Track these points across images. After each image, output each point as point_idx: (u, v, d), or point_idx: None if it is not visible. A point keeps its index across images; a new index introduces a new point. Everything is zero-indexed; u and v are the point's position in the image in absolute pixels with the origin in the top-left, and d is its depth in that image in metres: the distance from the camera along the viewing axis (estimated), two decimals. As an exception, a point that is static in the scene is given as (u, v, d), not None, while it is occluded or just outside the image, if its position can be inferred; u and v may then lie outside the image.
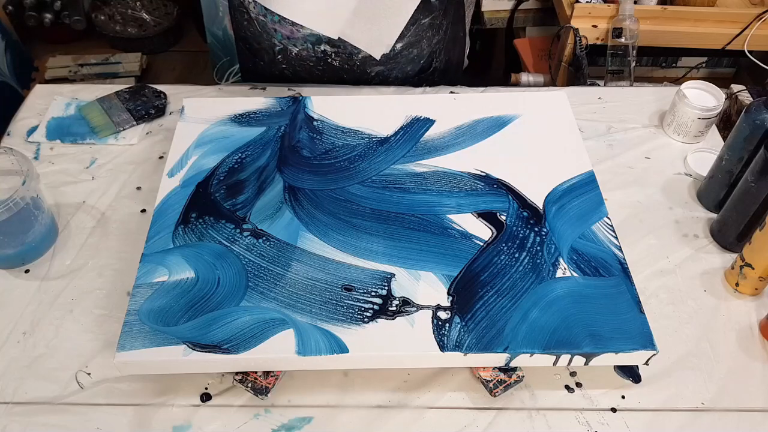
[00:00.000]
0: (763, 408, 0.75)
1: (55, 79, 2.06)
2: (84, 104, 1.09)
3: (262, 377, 0.74)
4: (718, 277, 0.87)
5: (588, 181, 0.88)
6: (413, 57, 1.12)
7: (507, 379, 0.74)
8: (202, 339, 0.71)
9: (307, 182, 0.88)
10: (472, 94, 1.07)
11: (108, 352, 0.78)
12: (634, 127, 1.07)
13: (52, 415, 0.74)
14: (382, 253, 0.79)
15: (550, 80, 1.53)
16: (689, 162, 1.01)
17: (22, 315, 0.82)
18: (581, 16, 1.37)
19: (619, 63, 1.35)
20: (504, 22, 1.73)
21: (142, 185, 0.98)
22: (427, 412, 0.74)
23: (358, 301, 0.74)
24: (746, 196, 0.84)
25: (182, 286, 0.76)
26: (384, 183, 0.88)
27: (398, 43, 1.08)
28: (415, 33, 1.09)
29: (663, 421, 0.74)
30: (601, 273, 0.77)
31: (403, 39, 1.08)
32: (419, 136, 0.94)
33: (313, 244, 0.80)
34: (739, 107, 1.13)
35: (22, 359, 0.78)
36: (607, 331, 0.71)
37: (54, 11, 2.09)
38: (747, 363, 0.78)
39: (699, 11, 1.35)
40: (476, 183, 0.88)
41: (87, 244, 0.90)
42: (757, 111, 0.85)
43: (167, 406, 0.75)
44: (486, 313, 0.73)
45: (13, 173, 0.87)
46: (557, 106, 0.99)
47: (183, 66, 2.31)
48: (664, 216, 0.94)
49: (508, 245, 0.80)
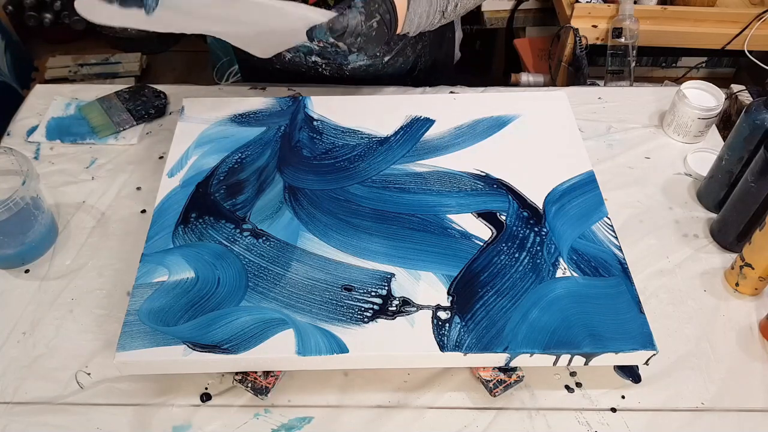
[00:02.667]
0: (763, 408, 0.75)
1: (55, 79, 2.07)
2: (84, 104, 1.09)
3: (262, 377, 0.74)
4: (718, 277, 0.87)
5: (588, 181, 0.88)
6: (399, 65, 1.13)
7: (507, 379, 0.74)
8: (202, 339, 0.71)
9: (307, 182, 0.88)
10: (472, 94, 1.07)
11: (108, 352, 0.78)
12: (634, 127, 1.07)
13: (52, 415, 0.74)
14: (382, 253, 0.79)
15: (550, 80, 1.53)
16: (689, 162, 1.01)
17: (22, 315, 0.82)
18: (581, 16, 1.37)
19: (619, 63, 1.35)
20: (504, 22, 1.73)
21: (142, 185, 0.98)
22: (427, 412, 0.74)
23: (358, 301, 0.74)
24: (746, 196, 0.84)
25: (182, 286, 0.76)
26: (384, 183, 0.88)
27: (386, 56, 1.10)
28: (402, 44, 1.09)
29: (663, 421, 0.74)
30: (601, 273, 0.77)
31: (391, 51, 1.10)
32: (419, 136, 0.94)
33: (313, 244, 0.80)
34: (739, 107, 1.13)
35: (22, 359, 0.78)
36: (607, 331, 0.71)
37: (54, 11, 2.09)
38: (747, 363, 0.78)
39: (699, 11, 1.35)
40: (476, 183, 0.88)
41: (87, 244, 0.90)
42: (757, 111, 0.85)
43: (167, 406, 0.75)
44: (486, 313, 0.73)
45: (13, 173, 0.87)
46: (557, 106, 0.99)
47: (183, 66, 2.31)
48: (664, 216, 0.94)
49: (508, 245, 0.80)
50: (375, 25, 0.82)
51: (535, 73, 1.58)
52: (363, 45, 0.82)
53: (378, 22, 0.82)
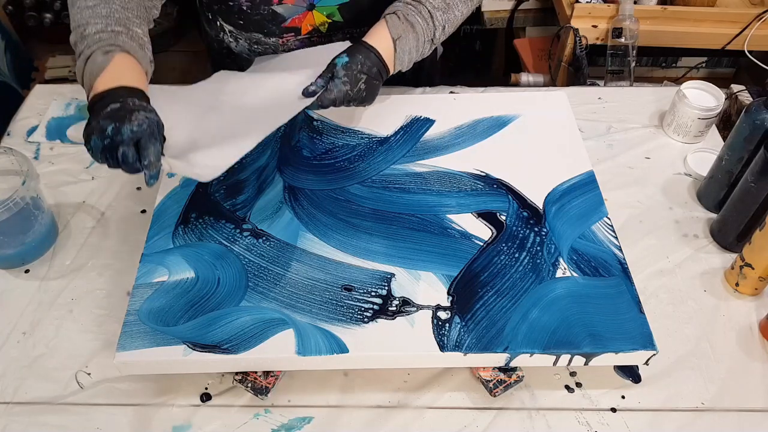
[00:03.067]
0: (763, 408, 0.75)
1: (55, 79, 2.07)
2: (84, 104, 1.09)
3: (261, 377, 0.74)
4: (718, 277, 0.87)
5: (588, 181, 0.88)
6: None
7: (507, 379, 0.74)
8: (202, 339, 0.71)
9: (306, 182, 0.88)
10: (472, 94, 1.07)
11: (108, 352, 0.78)
12: (634, 127, 1.07)
13: (52, 415, 0.74)
14: (382, 253, 0.79)
15: (550, 80, 1.53)
16: (689, 162, 1.01)
17: (22, 315, 0.82)
18: (581, 16, 1.37)
19: (619, 63, 1.35)
20: (504, 22, 1.73)
21: (142, 185, 0.98)
22: (427, 412, 0.74)
23: (358, 301, 0.74)
24: (746, 196, 0.84)
25: (182, 286, 0.76)
26: (384, 183, 0.88)
27: None
28: None
29: (663, 421, 0.74)
30: (601, 273, 0.77)
31: None
32: (419, 136, 0.94)
33: (313, 244, 0.80)
34: (739, 107, 1.13)
35: (22, 359, 0.78)
36: (607, 331, 0.71)
37: (54, 11, 2.09)
38: (747, 363, 0.78)
39: (699, 11, 1.35)
40: (476, 183, 0.88)
41: (87, 244, 0.90)
42: (757, 111, 0.85)
43: (167, 406, 0.75)
44: (486, 313, 0.73)
45: (13, 173, 0.87)
46: (557, 106, 0.99)
47: (183, 66, 2.31)
48: (664, 216, 0.94)
49: (508, 245, 0.80)
50: (363, 86, 0.83)
51: (535, 73, 1.58)
52: (359, 104, 0.84)
53: (365, 81, 0.83)
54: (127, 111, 0.69)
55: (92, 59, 0.74)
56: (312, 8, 0.95)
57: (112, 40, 0.75)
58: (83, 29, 0.76)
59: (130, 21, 0.78)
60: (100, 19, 0.76)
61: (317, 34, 1.00)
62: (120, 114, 0.68)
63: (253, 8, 0.95)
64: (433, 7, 0.86)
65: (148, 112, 0.70)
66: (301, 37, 1.00)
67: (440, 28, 0.87)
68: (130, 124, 0.68)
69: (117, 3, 0.78)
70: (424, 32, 0.86)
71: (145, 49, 0.79)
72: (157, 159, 0.69)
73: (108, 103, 0.69)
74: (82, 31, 0.76)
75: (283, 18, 0.96)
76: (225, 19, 1.00)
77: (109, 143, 0.68)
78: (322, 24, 0.98)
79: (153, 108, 0.72)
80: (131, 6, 0.79)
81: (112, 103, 0.69)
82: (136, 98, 0.71)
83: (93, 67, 0.73)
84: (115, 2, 0.78)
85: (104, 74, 0.72)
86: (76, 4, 0.78)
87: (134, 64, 0.76)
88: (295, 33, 0.99)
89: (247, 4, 0.95)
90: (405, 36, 0.85)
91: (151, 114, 0.70)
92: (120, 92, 0.71)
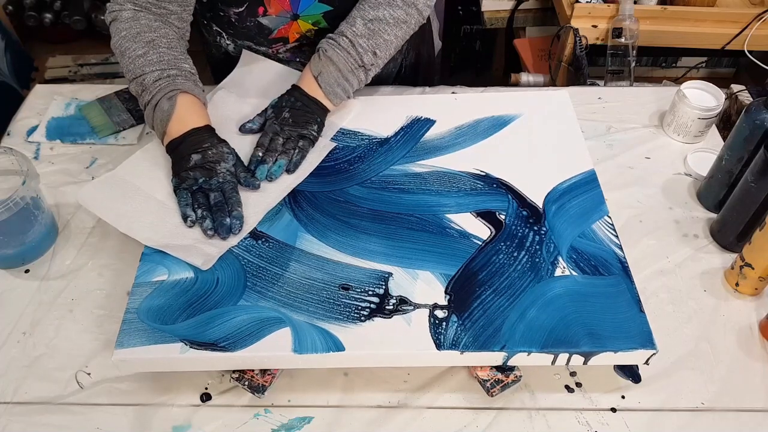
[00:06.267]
0: (763, 408, 0.75)
1: (55, 79, 2.07)
2: (84, 104, 1.09)
3: (258, 375, 0.74)
4: (718, 277, 0.87)
5: (589, 180, 0.87)
6: (390, 69, 1.15)
7: (504, 379, 0.74)
8: (200, 337, 0.71)
9: (306, 184, 0.88)
10: (473, 94, 1.07)
11: (108, 352, 0.78)
12: (634, 127, 1.07)
13: (52, 415, 0.74)
14: (380, 253, 0.79)
15: (550, 80, 1.53)
16: (689, 162, 1.01)
17: (22, 315, 0.83)
18: (581, 16, 1.37)
19: (619, 63, 1.35)
20: (504, 22, 1.73)
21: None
22: (426, 412, 0.74)
23: (355, 300, 0.74)
24: (746, 196, 0.84)
25: (181, 285, 0.76)
26: (383, 183, 0.87)
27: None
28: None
29: (663, 421, 0.74)
30: (601, 272, 0.77)
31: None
32: (419, 136, 0.94)
33: (311, 245, 0.80)
34: (739, 107, 1.13)
35: (22, 359, 0.78)
36: (606, 329, 0.71)
37: (54, 11, 2.09)
38: (747, 363, 0.78)
39: (699, 11, 1.35)
40: (476, 183, 0.88)
41: (87, 244, 0.90)
42: (757, 111, 0.85)
43: (167, 406, 0.75)
44: (483, 312, 0.73)
45: (13, 173, 0.87)
46: (559, 105, 0.99)
47: (183, 66, 2.30)
48: (664, 216, 0.94)
49: (506, 244, 0.80)
50: (306, 146, 0.89)
51: (535, 73, 1.58)
52: (304, 139, 0.90)
53: (303, 143, 0.89)
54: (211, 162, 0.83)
55: (159, 107, 0.84)
56: (296, 18, 0.97)
57: (171, 86, 0.84)
58: (142, 79, 0.85)
59: (178, 59, 0.87)
60: (154, 66, 0.85)
61: (306, 41, 1.01)
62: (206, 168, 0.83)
63: (240, 21, 0.98)
64: (355, 35, 0.89)
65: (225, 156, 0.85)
66: (290, 45, 1.01)
67: (369, 53, 0.90)
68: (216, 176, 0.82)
69: (163, 45, 0.86)
70: (347, 62, 0.90)
71: (197, 83, 0.89)
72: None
73: (190, 152, 0.83)
74: (142, 81, 0.85)
75: (269, 30, 0.99)
76: (219, 26, 1.02)
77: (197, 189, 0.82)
78: (309, 31, 0.99)
79: (225, 140, 0.86)
80: (174, 44, 0.88)
81: (193, 153, 0.83)
82: (209, 137, 0.85)
83: (161, 114, 0.84)
84: (161, 45, 0.86)
85: (174, 120, 0.84)
86: (126, 54, 0.86)
87: (194, 101, 0.87)
88: (284, 42, 1.01)
89: (234, 17, 0.97)
90: (325, 70, 0.90)
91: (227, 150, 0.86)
92: (192, 134, 0.84)
